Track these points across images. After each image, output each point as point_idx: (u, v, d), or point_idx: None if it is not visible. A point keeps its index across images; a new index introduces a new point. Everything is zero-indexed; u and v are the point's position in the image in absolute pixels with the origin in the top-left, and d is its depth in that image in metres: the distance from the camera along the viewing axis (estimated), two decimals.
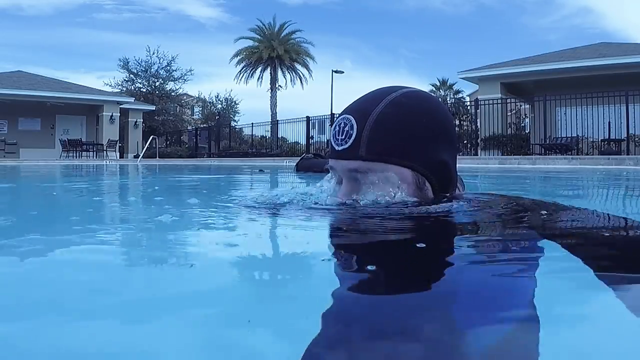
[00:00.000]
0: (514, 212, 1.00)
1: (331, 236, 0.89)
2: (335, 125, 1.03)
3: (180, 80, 29.34)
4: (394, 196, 0.97)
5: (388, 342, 0.43)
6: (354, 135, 0.97)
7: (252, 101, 79.16)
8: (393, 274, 0.65)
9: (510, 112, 17.19)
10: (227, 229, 1.03)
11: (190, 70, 30.13)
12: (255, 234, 0.95)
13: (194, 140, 24.82)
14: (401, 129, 0.96)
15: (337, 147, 1.00)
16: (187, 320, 0.50)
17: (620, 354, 0.43)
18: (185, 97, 32.59)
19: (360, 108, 1.00)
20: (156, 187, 2.81)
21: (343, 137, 0.99)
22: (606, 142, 13.14)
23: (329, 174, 1.09)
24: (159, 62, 28.71)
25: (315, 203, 1.10)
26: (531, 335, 0.44)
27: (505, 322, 0.47)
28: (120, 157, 22.61)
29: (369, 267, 0.68)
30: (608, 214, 0.94)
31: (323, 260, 0.73)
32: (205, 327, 0.48)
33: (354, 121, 0.98)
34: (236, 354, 0.42)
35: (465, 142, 16.46)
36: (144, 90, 28.57)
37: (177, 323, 0.49)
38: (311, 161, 5.78)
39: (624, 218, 0.91)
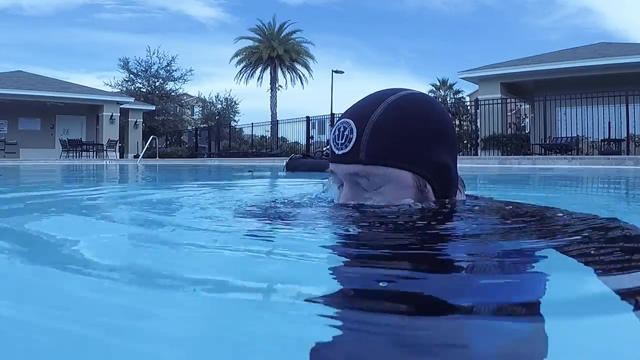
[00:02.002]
0: (517, 220, 0.99)
1: (332, 243, 0.89)
2: (335, 130, 1.03)
3: (180, 80, 29.38)
4: (395, 199, 0.97)
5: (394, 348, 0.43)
6: (353, 139, 0.97)
7: (252, 101, 79.25)
8: (396, 282, 0.64)
9: (510, 112, 17.20)
10: (223, 235, 1.03)
11: (190, 70, 30.16)
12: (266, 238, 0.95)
13: (194, 140, 24.82)
14: (401, 132, 0.96)
15: (337, 151, 1.01)
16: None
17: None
18: (185, 97, 32.59)
19: (360, 112, 1.00)
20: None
21: (343, 141, 0.99)
22: (606, 142, 13.14)
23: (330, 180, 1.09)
24: (159, 62, 28.75)
25: (317, 205, 1.11)
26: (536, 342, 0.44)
27: (512, 333, 0.47)
28: (120, 157, 22.61)
29: (372, 273, 0.68)
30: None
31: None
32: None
33: (353, 125, 0.98)
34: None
35: (465, 142, 16.47)
36: (144, 90, 28.58)
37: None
38: (299, 161, 5.88)
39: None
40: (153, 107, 26.16)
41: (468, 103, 21.81)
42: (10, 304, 0.56)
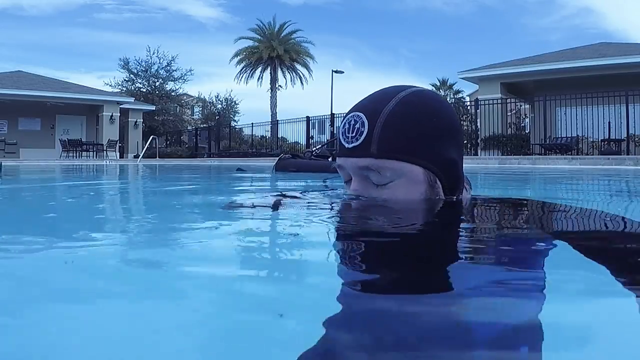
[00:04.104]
0: (524, 216, 0.99)
1: (339, 236, 0.89)
2: (345, 123, 1.01)
3: (180, 80, 29.38)
4: (406, 195, 0.97)
5: (392, 343, 0.43)
6: (365, 133, 0.96)
7: (252, 101, 79.47)
8: (399, 275, 0.65)
9: (510, 112, 17.20)
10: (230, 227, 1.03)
11: (190, 70, 30.23)
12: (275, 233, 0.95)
13: (194, 140, 24.83)
14: (412, 127, 0.96)
15: (347, 145, 0.99)
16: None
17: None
18: (185, 97, 32.59)
19: (371, 106, 0.99)
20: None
21: (354, 134, 0.98)
22: (606, 142, 13.14)
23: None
24: (159, 62, 28.75)
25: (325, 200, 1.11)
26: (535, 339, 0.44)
27: (511, 328, 0.47)
28: (120, 157, 22.61)
29: (375, 268, 0.68)
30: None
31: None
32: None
33: (365, 118, 0.97)
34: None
35: (465, 142, 16.46)
36: (144, 90, 28.57)
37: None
38: (288, 161, 5.87)
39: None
40: (153, 107, 26.16)
41: (468, 103, 21.82)
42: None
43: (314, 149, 9.84)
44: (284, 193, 1.19)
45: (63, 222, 1.24)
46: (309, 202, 1.13)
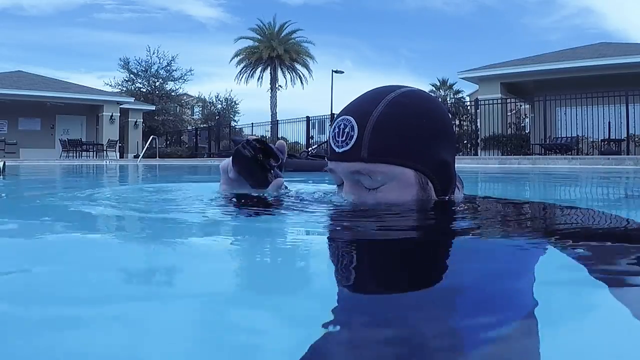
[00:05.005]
0: (519, 216, 0.99)
1: (332, 236, 0.89)
2: (335, 127, 1.01)
3: (180, 80, 29.40)
4: (397, 197, 0.96)
5: (389, 345, 0.43)
6: (355, 137, 0.95)
7: (252, 101, 79.56)
8: (393, 275, 0.64)
9: (510, 112, 17.21)
10: (226, 227, 1.03)
11: (190, 70, 30.22)
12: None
13: (194, 140, 24.84)
14: (403, 130, 0.95)
15: (337, 149, 0.99)
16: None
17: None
18: (185, 97, 32.61)
19: (360, 109, 0.98)
20: None
21: (343, 138, 0.97)
22: (606, 142, 13.15)
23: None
24: (159, 62, 28.76)
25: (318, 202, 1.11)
26: (531, 339, 0.44)
27: (505, 325, 0.47)
28: (120, 157, 22.62)
29: (372, 268, 0.68)
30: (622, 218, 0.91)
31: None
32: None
33: (354, 122, 0.96)
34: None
35: (465, 142, 16.46)
36: (144, 90, 28.58)
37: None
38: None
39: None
40: (153, 107, 26.17)
41: (468, 103, 21.83)
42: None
43: (310, 148, 9.85)
44: (277, 196, 1.19)
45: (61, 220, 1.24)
46: (301, 204, 1.12)
